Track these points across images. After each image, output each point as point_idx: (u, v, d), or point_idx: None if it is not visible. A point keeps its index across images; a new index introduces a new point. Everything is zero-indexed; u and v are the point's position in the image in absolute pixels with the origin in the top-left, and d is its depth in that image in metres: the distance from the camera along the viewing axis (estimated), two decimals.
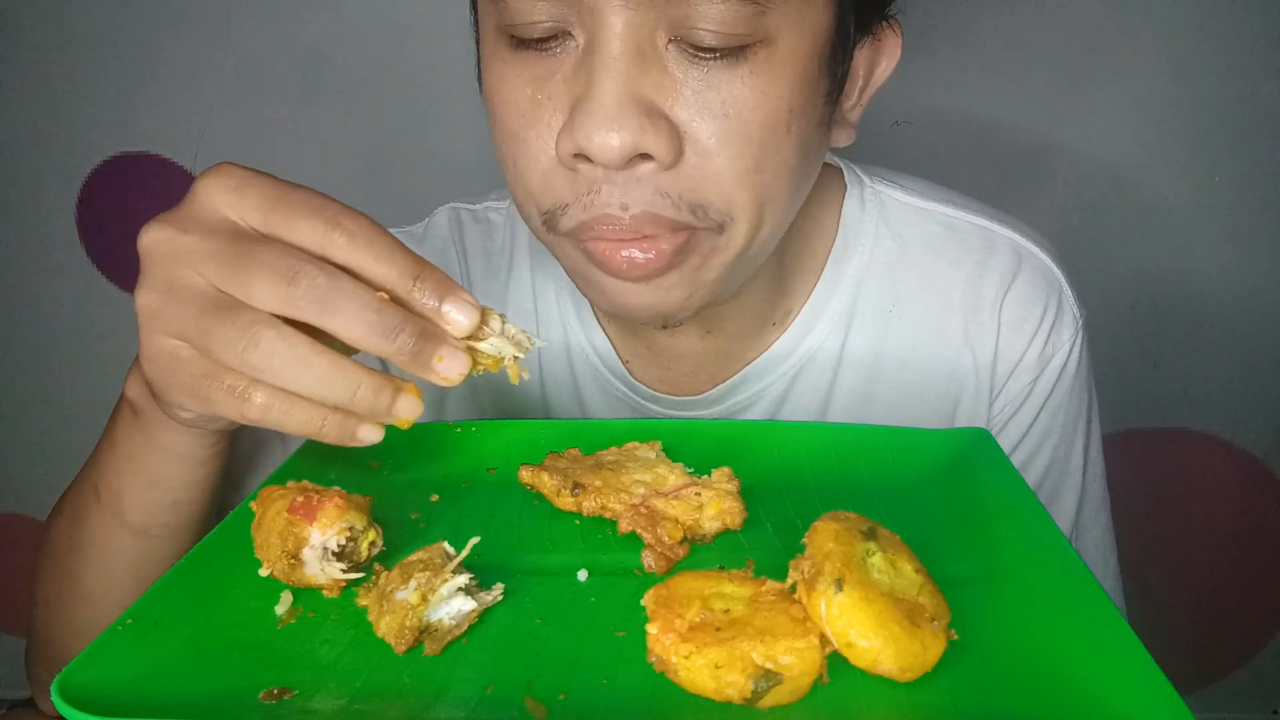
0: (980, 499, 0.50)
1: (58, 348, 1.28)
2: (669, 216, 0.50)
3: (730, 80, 0.48)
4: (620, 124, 0.46)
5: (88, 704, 0.33)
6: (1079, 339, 0.68)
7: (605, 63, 0.47)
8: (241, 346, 0.40)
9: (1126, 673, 0.35)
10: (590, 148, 0.47)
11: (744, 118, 0.49)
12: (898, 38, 0.58)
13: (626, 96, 0.47)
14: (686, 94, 0.48)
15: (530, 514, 0.50)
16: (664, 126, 0.48)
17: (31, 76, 1.16)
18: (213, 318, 0.41)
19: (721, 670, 0.34)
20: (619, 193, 0.49)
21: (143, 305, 0.43)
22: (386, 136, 1.15)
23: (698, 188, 0.50)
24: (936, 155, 1.10)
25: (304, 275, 0.40)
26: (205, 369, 0.42)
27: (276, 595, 0.42)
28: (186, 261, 0.42)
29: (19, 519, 1.37)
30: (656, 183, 0.49)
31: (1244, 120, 1.06)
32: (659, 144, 0.47)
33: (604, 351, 0.69)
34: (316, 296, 0.40)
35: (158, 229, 0.43)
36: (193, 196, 0.43)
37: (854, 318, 0.67)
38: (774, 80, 0.49)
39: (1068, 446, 0.70)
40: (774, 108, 0.49)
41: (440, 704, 0.35)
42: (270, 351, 0.40)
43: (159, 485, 0.53)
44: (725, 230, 0.52)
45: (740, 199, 0.51)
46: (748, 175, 0.50)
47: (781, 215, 0.54)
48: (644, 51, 0.47)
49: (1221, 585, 1.28)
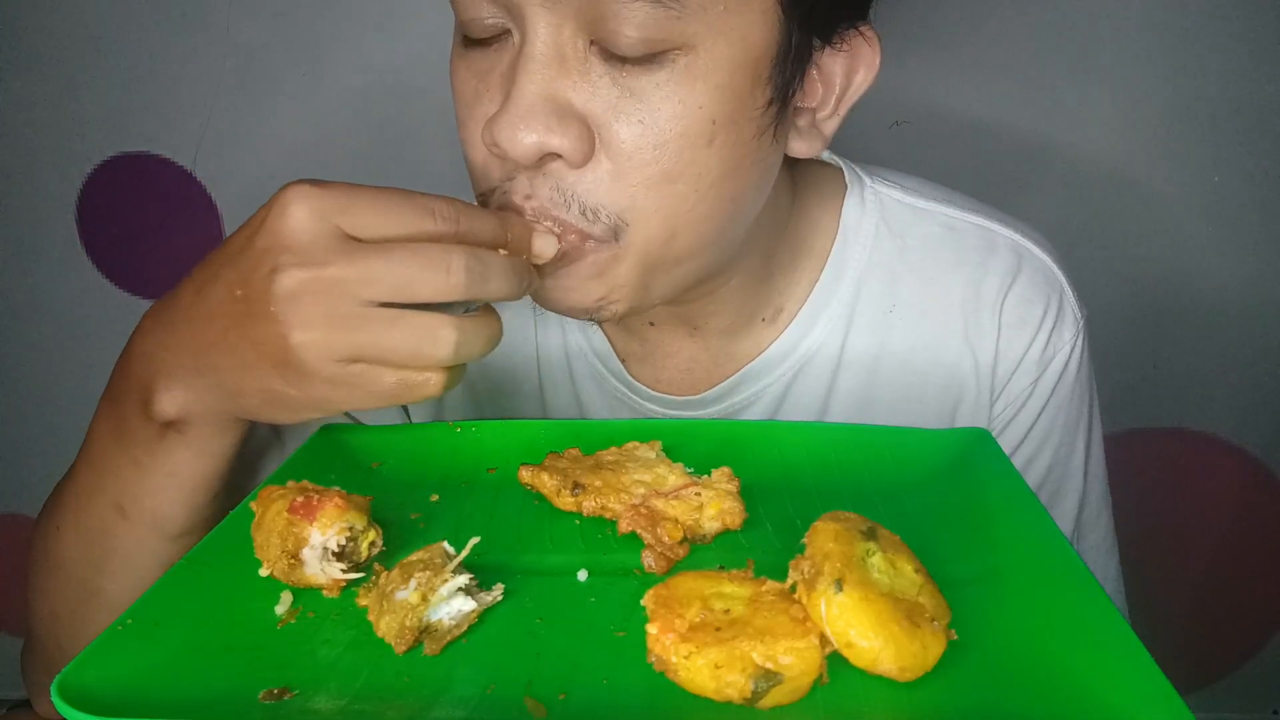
0: (980, 499, 0.50)
1: (58, 348, 1.28)
2: (559, 215, 0.51)
3: (647, 87, 0.49)
4: (528, 123, 0.48)
5: (88, 704, 0.33)
6: (1080, 339, 0.68)
7: (524, 65, 0.49)
8: (427, 348, 0.45)
9: (1126, 673, 0.35)
10: (500, 142, 0.49)
11: (660, 126, 0.49)
12: (874, 48, 0.56)
13: (539, 97, 0.49)
14: (603, 98, 0.49)
15: (530, 514, 0.50)
16: (574, 128, 0.49)
17: (31, 76, 1.16)
18: (385, 331, 0.45)
19: (721, 670, 0.34)
20: (526, 184, 0.51)
21: (307, 342, 0.45)
22: (386, 136, 1.15)
23: (597, 191, 0.51)
24: (936, 155, 1.10)
25: (454, 261, 0.45)
26: (387, 373, 0.46)
27: (276, 595, 0.42)
28: (338, 291, 0.44)
29: (19, 519, 1.37)
30: (559, 180, 0.51)
31: (1244, 120, 1.06)
32: (566, 145, 0.49)
33: (602, 351, 0.69)
34: (473, 275, 0.45)
35: (294, 273, 0.44)
36: (293, 227, 0.44)
37: (854, 318, 0.67)
38: (692, 89, 0.49)
39: (1069, 447, 0.70)
40: (694, 118, 0.50)
41: (440, 704, 0.35)
42: (454, 343, 0.45)
43: (201, 489, 0.54)
44: (620, 237, 0.52)
45: (641, 206, 0.51)
46: (657, 184, 0.51)
47: (706, 227, 0.54)
48: (565, 53, 0.49)
49: (1221, 585, 1.28)
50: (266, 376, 0.47)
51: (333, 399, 0.47)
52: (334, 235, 0.44)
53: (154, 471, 0.53)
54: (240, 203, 1.20)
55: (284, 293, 0.44)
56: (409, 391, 0.46)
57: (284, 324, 0.44)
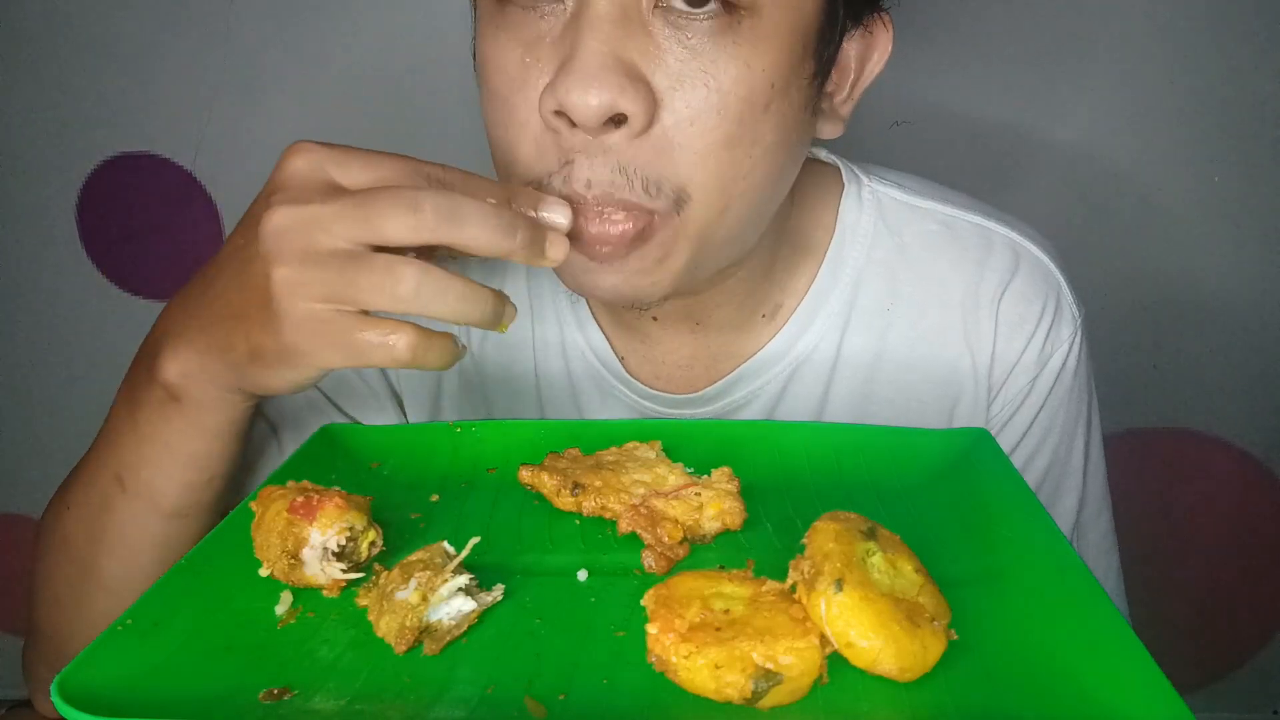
0: (980, 499, 0.50)
1: (58, 348, 1.28)
2: (623, 198, 0.50)
3: (713, 49, 0.49)
4: (600, 82, 0.47)
5: (87, 704, 0.33)
6: (1078, 338, 0.68)
7: (590, 24, 0.48)
8: (389, 286, 0.44)
9: (1126, 673, 0.35)
10: (569, 103, 0.48)
11: (724, 89, 0.49)
12: (888, 32, 0.57)
13: (609, 57, 0.48)
14: (668, 60, 0.49)
15: (530, 514, 0.50)
16: (642, 90, 0.48)
17: (31, 76, 1.16)
18: (354, 269, 0.44)
19: (721, 670, 0.34)
20: (585, 168, 0.50)
21: (281, 278, 0.45)
22: (386, 137, 1.15)
23: (658, 159, 0.50)
24: (936, 155, 1.10)
25: (425, 199, 0.44)
26: (355, 323, 0.45)
27: (276, 595, 0.42)
28: (316, 226, 0.45)
29: (19, 519, 1.37)
30: (619, 156, 0.50)
31: (1244, 120, 1.06)
32: (635, 106, 0.48)
33: (600, 349, 0.69)
34: (444, 214, 0.44)
35: (281, 210, 0.45)
36: (289, 173, 0.46)
37: (851, 317, 0.67)
38: (756, 52, 0.49)
39: (1068, 446, 0.70)
40: (756, 81, 0.50)
41: (440, 704, 0.35)
42: (416, 281, 0.44)
43: (196, 466, 0.54)
44: (682, 209, 0.51)
45: (701, 175, 0.51)
46: (717, 150, 0.50)
47: (754, 199, 0.54)
48: (629, 15, 0.48)
49: (1221, 585, 1.28)
50: (251, 327, 0.48)
51: (302, 347, 0.46)
52: (323, 180, 0.46)
53: (152, 441, 0.54)
54: (240, 203, 1.19)
55: (269, 229, 0.45)
56: (376, 350, 0.45)
57: (265, 259, 0.46)
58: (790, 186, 0.59)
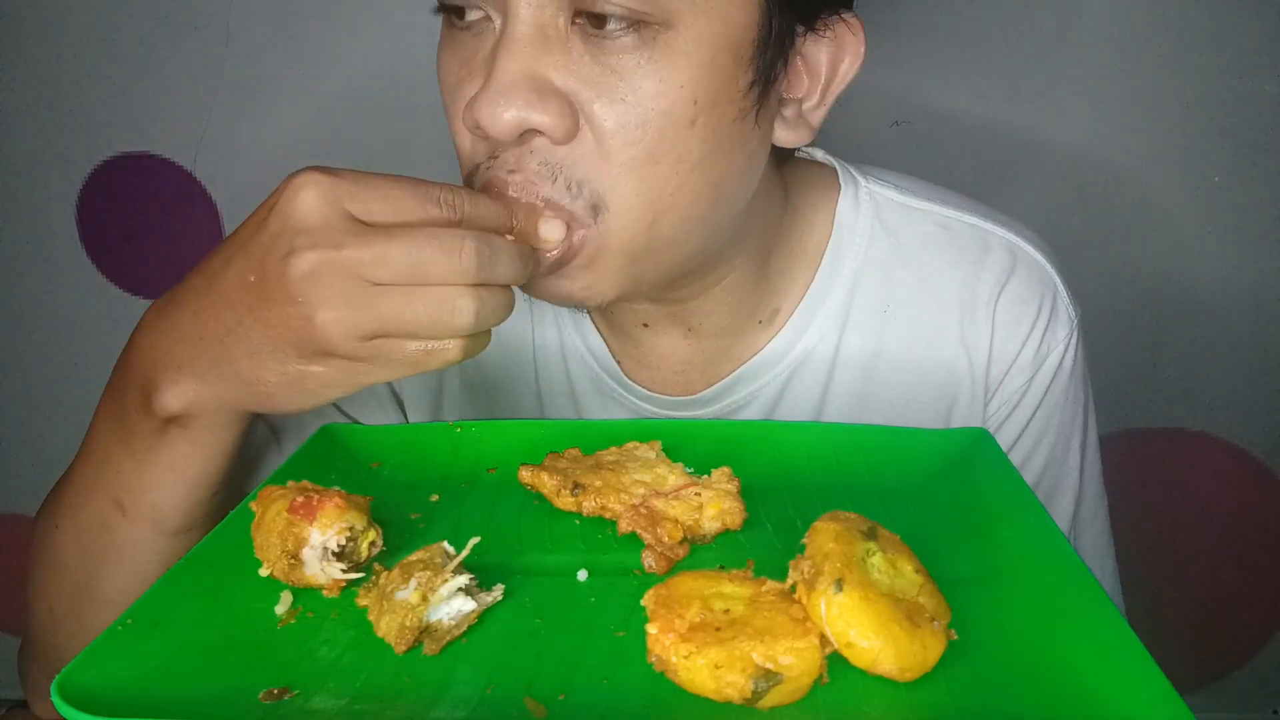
0: (980, 499, 0.50)
1: (58, 348, 1.28)
2: (544, 189, 0.51)
3: (629, 64, 0.49)
4: (508, 101, 0.49)
5: (87, 704, 0.33)
6: (1074, 338, 0.68)
7: (506, 45, 0.50)
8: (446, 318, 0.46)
9: (1126, 673, 0.35)
10: (480, 120, 0.50)
11: (642, 104, 0.50)
12: (858, 36, 0.56)
13: (520, 75, 0.49)
14: (585, 75, 0.50)
15: (530, 514, 0.50)
16: (555, 105, 0.49)
17: (31, 76, 1.16)
18: (408, 305, 0.45)
19: (721, 670, 0.34)
20: (511, 159, 0.52)
21: (329, 321, 0.45)
22: (386, 136, 1.15)
23: (583, 163, 0.51)
24: (936, 155, 1.10)
25: (466, 245, 0.46)
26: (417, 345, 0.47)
27: (276, 595, 0.42)
28: (356, 273, 0.45)
29: (19, 519, 1.37)
30: (545, 155, 0.51)
31: (1244, 120, 1.06)
32: (547, 121, 0.49)
33: (599, 352, 0.69)
34: (483, 259, 0.46)
35: (309, 255, 0.45)
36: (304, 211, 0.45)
37: (849, 318, 0.67)
38: (673, 67, 0.50)
39: (1064, 446, 0.70)
40: (676, 96, 0.50)
41: (440, 704, 0.35)
42: (474, 314, 0.46)
43: (202, 485, 0.54)
44: (599, 217, 0.52)
45: (623, 188, 0.51)
46: (639, 164, 0.51)
47: (687, 212, 0.54)
48: (546, 34, 0.50)
49: (1221, 585, 1.28)
50: (286, 359, 0.47)
51: (357, 374, 0.48)
52: (345, 218, 0.45)
53: (154, 467, 0.53)
54: (240, 203, 1.20)
55: (300, 274, 0.45)
56: (431, 358, 0.47)
57: (306, 304, 0.45)
58: (749, 192, 0.58)
